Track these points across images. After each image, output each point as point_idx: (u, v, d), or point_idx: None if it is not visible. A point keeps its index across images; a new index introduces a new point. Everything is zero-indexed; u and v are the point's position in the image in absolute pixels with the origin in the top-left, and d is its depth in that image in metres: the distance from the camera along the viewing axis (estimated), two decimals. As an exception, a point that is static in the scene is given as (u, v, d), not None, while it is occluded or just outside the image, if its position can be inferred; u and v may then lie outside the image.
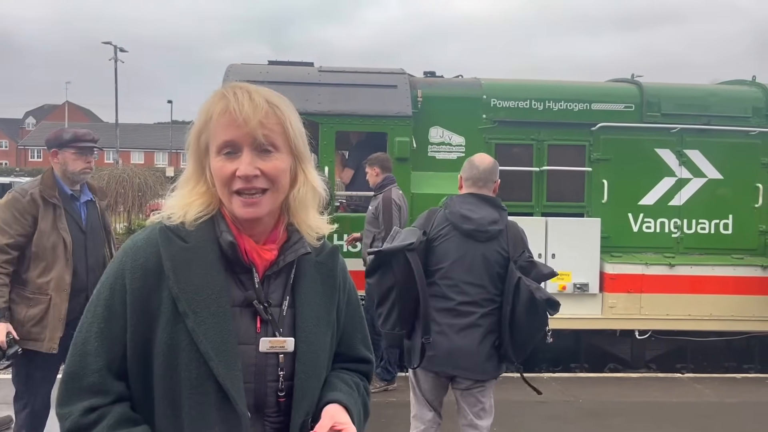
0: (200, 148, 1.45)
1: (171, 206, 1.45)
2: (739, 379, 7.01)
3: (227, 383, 1.34)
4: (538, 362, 7.29)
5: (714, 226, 7.45)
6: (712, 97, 7.66)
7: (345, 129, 7.08)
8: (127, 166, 19.43)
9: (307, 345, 1.46)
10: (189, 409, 1.35)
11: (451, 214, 3.50)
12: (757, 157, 7.48)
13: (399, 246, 3.37)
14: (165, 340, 1.36)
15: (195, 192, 1.45)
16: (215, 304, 1.37)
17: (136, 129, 66.81)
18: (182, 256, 1.40)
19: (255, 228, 1.46)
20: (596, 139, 7.41)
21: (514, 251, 3.45)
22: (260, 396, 1.42)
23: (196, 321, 1.35)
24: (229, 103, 1.39)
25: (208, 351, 1.34)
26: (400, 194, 6.10)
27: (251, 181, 1.39)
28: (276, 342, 1.43)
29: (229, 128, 1.39)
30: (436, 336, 3.43)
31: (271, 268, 1.47)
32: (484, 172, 3.61)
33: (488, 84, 7.54)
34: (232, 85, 1.45)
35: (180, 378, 1.35)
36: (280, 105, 1.44)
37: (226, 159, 1.40)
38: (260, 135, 1.39)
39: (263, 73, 7.05)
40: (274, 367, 1.43)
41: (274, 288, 1.48)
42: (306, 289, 1.50)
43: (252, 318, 1.44)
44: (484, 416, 3.56)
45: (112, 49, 37.84)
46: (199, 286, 1.38)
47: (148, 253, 1.41)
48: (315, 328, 1.48)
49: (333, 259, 1.58)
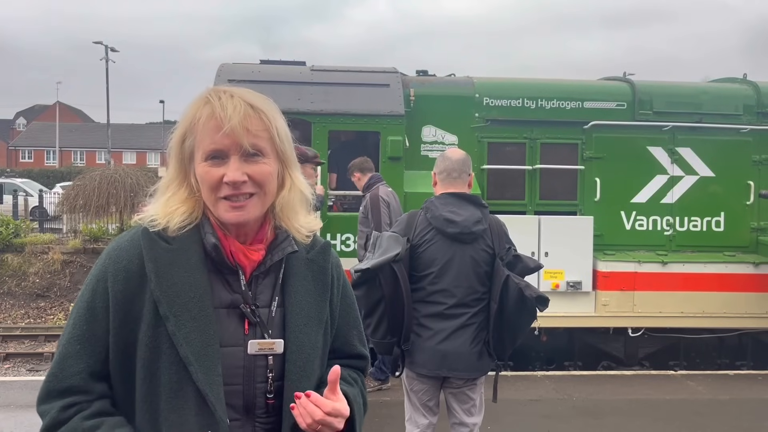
0: (184, 152, 1.42)
1: (153, 213, 1.43)
2: (732, 375, 7.03)
3: (206, 388, 1.33)
4: (531, 360, 7.31)
5: (706, 223, 7.48)
6: (703, 95, 7.69)
7: (337, 128, 7.07)
8: (119, 167, 19.32)
9: (297, 345, 1.43)
10: (168, 413, 1.33)
11: (434, 219, 3.45)
12: (749, 154, 7.52)
13: (384, 260, 3.31)
14: (146, 342, 1.35)
15: (177, 198, 1.43)
16: (197, 307, 1.36)
17: (128, 129, 66.46)
18: (165, 258, 1.38)
19: (241, 230, 1.44)
20: (589, 137, 7.43)
21: (499, 248, 3.44)
22: (249, 398, 1.40)
23: (176, 324, 1.34)
24: (215, 109, 1.37)
25: (188, 355, 1.32)
26: (388, 191, 6.07)
27: (239, 187, 1.38)
28: (265, 344, 1.41)
29: (215, 135, 1.37)
30: (427, 341, 3.41)
31: (258, 268, 1.45)
32: (457, 163, 3.55)
33: (481, 83, 7.54)
34: (215, 89, 1.43)
35: (160, 382, 1.34)
36: (266, 109, 1.42)
37: (213, 165, 1.38)
38: (246, 143, 1.37)
39: (255, 72, 7.03)
40: (262, 369, 1.41)
41: (263, 288, 1.46)
42: (296, 288, 1.48)
43: (240, 320, 1.42)
44: (474, 413, 3.55)
45: (103, 48, 37.77)
46: (181, 288, 1.36)
47: (131, 255, 1.40)
48: (305, 328, 1.45)
49: (324, 256, 1.55)
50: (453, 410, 3.57)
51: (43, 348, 11.18)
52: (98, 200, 15.34)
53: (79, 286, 13.80)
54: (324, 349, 1.53)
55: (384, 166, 6.87)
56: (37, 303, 13.85)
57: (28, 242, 14.71)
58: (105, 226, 15.83)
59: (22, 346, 11.53)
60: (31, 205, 21.99)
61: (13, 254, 14.35)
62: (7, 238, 14.43)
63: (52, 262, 14.24)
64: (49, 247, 14.59)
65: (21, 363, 10.58)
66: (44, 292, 13.95)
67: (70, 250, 14.55)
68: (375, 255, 3.39)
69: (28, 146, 65.04)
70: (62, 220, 17.79)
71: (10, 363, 10.56)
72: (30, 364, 10.51)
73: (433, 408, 3.60)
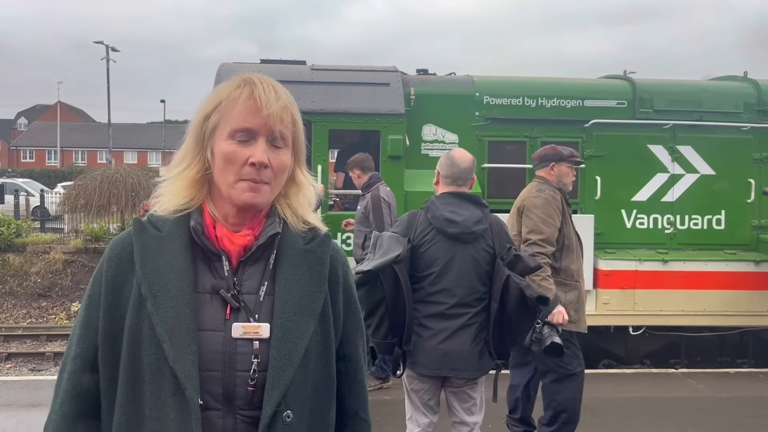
0: (206, 127, 1.43)
1: (162, 192, 1.46)
2: (733, 373, 7.03)
3: (176, 365, 1.31)
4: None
5: (707, 221, 7.49)
6: (704, 93, 7.69)
7: (338, 127, 7.07)
8: (120, 166, 19.33)
9: (284, 332, 1.39)
10: (149, 394, 1.34)
11: (435, 219, 3.45)
12: (749, 152, 7.52)
13: (386, 261, 3.31)
14: (129, 324, 1.37)
15: (185, 176, 1.44)
16: (175, 288, 1.36)
17: (129, 129, 66.49)
18: (152, 244, 1.40)
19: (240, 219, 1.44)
20: (589, 135, 7.43)
21: (500, 247, 3.43)
22: (229, 386, 1.36)
23: (154, 304, 1.34)
24: (256, 90, 1.40)
25: (162, 333, 1.33)
26: (387, 191, 6.06)
27: (260, 171, 1.39)
28: (249, 327, 1.38)
29: (251, 115, 1.39)
30: (428, 340, 3.41)
31: (245, 254, 1.44)
32: (465, 172, 3.55)
33: (481, 81, 7.54)
34: (253, 75, 1.45)
35: (142, 363, 1.35)
36: (294, 106, 1.48)
37: (239, 144, 1.39)
38: (278, 129, 1.41)
39: (256, 71, 7.01)
40: (246, 356, 1.37)
41: (250, 275, 1.44)
42: (287, 276, 1.44)
43: (222, 305, 1.40)
44: (475, 411, 3.55)
45: (103, 48, 37.78)
46: (163, 271, 1.37)
47: (124, 243, 1.43)
48: (294, 316, 1.41)
49: (323, 247, 1.51)
50: (454, 409, 3.58)
51: (44, 348, 11.18)
52: (99, 200, 15.35)
53: (80, 286, 13.83)
54: (325, 345, 1.47)
55: (384, 165, 6.87)
56: (39, 303, 13.87)
57: (30, 242, 14.73)
58: (106, 226, 15.85)
59: (23, 345, 11.54)
60: (33, 205, 22.03)
61: (14, 254, 14.38)
62: (9, 237, 14.45)
63: (53, 262, 14.27)
64: (51, 246, 14.61)
65: (23, 363, 10.60)
66: (46, 291, 13.97)
67: (72, 249, 14.57)
68: (376, 255, 3.39)
69: (30, 146, 65.09)
70: (63, 219, 17.82)
71: (12, 363, 10.57)
72: (32, 363, 10.53)
73: (433, 407, 3.60)
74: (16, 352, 11.05)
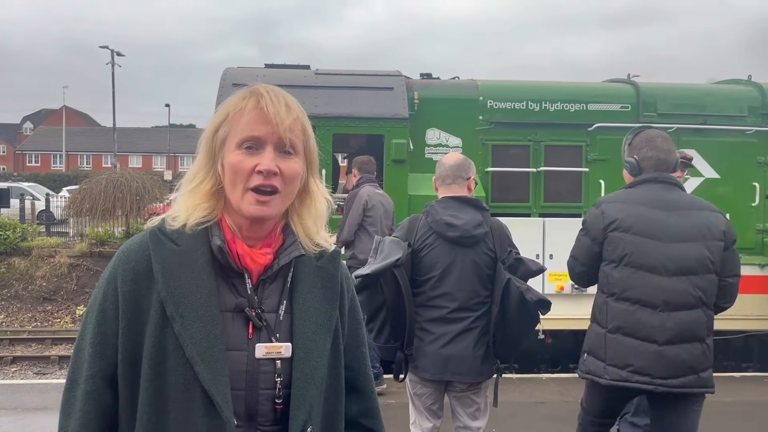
0: (216, 141, 1.43)
1: (177, 209, 1.44)
2: (738, 377, 7.00)
3: (212, 388, 1.32)
4: (536, 363, 7.30)
5: (711, 225, 7.45)
6: (708, 96, 7.68)
7: (342, 132, 7.09)
8: (125, 170, 19.41)
9: (305, 351, 1.41)
10: (176, 414, 1.33)
11: (435, 223, 3.45)
12: (754, 155, 7.50)
13: (386, 264, 3.32)
14: (153, 343, 1.34)
15: (200, 191, 1.43)
16: (203, 308, 1.35)
17: (134, 133, 66.67)
18: (173, 259, 1.38)
19: (255, 229, 1.44)
20: (593, 139, 7.43)
21: (501, 251, 3.43)
22: (251, 404, 1.38)
23: (182, 325, 1.33)
24: (262, 100, 1.41)
25: (194, 355, 1.32)
26: (375, 192, 5.96)
27: (270, 178, 1.38)
28: (272, 347, 1.39)
29: (258, 124, 1.39)
30: (430, 345, 3.41)
31: (265, 272, 1.44)
32: (450, 169, 3.56)
33: (484, 85, 7.55)
34: (259, 85, 1.46)
35: (167, 383, 1.34)
36: (304, 115, 1.48)
37: (247, 154, 1.39)
38: (287, 137, 1.40)
39: (260, 76, 7.06)
40: (268, 375, 1.39)
41: (270, 293, 1.44)
42: (305, 295, 1.45)
43: (244, 324, 1.40)
44: (479, 416, 3.55)
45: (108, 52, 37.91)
46: (188, 289, 1.36)
47: (139, 256, 1.40)
48: (313, 335, 1.43)
49: (334, 263, 1.53)
50: (457, 414, 3.57)
51: (50, 351, 11.22)
52: (104, 204, 15.41)
53: (85, 290, 13.87)
54: (336, 359, 1.49)
55: (388, 168, 6.89)
56: (44, 306, 13.93)
57: (35, 246, 14.79)
58: (111, 230, 15.90)
59: (29, 349, 11.59)
60: (38, 209, 22.09)
61: (20, 258, 14.44)
62: (14, 241, 14.51)
63: (58, 266, 14.32)
64: (56, 250, 14.66)
65: (28, 366, 10.63)
66: (51, 295, 14.02)
67: (77, 253, 14.62)
68: (376, 260, 3.40)
69: (35, 150, 65.39)
70: (69, 223, 17.90)
71: (18, 366, 10.61)
72: (37, 367, 10.57)
73: (437, 411, 3.60)
74: (21, 355, 11.09)
